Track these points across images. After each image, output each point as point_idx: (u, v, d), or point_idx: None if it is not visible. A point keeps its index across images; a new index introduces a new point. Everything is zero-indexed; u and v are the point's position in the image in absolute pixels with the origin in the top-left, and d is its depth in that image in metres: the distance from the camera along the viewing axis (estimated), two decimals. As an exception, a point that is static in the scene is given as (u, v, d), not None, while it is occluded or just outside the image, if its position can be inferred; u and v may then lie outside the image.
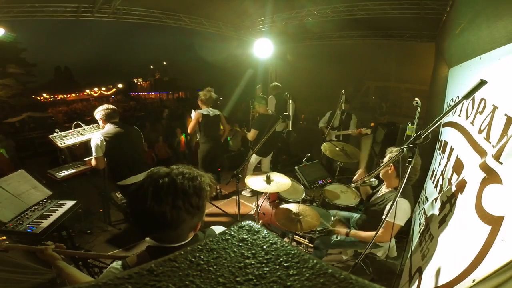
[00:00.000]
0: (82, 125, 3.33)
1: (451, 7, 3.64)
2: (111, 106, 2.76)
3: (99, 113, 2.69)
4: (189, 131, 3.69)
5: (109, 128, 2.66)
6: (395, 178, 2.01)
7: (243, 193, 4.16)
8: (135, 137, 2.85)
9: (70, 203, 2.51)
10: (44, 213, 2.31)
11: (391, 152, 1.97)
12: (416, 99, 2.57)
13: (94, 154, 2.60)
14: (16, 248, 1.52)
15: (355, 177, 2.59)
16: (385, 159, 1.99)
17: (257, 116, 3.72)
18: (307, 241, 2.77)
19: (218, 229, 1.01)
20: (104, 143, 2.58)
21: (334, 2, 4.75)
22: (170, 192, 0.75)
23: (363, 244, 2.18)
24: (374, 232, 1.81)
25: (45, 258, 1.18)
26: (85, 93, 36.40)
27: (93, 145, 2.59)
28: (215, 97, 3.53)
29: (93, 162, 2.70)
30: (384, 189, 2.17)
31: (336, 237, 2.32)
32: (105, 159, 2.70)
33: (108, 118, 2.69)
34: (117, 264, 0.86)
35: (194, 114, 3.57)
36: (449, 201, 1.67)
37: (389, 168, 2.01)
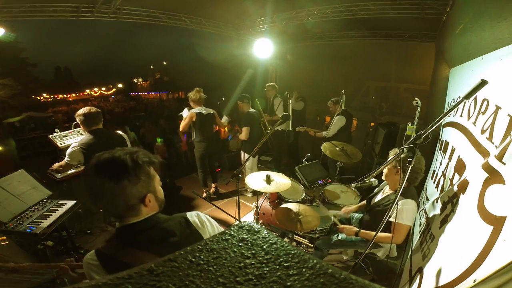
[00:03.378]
0: (82, 125, 3.33)
1: (451, 7, 3.64)
2: (86, 111, 2.41)
3: (78, 118, 2.43)
4: (180, 129, 3.68)
5: (87, 138, 2.40)
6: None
7: (245, 193, 4.16)
8: (117, 145, 2.62)
9: (70, 203, 2.51)
10: (44, 213, 2.32)
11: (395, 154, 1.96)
12: (416, 99, 2.57)
13: (66, 158, 2.37)
14: (36, 267, 1.48)
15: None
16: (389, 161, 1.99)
17: (243, 115, 3.80)
18: (307, 241, 2.77)
19: (189, 214, 1.05)
20: (81, 153, 2.33)
21: (334, 2, 4.75)
22: (108, 163, 0.85)
23: (364, 244, 2.18)
24: (385, 234, 1.85)
25: (69, 278, 1.21)
26: (85, 93, 36.45)
27: (68, 151, 2.36)
28: (204, 97, 3.56)
29: (63, 162, 2.44)
30: (387, 190, 2.16)
31: (337, 237, 2.32)
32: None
33: (87, 125, 2.41)
34: (91, 254, 0.93)
35: (186, 112, 3.58)
36: (450, 201, 1.67)
37: (395, 170, 1.97)
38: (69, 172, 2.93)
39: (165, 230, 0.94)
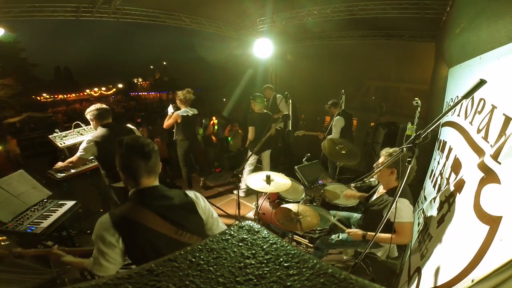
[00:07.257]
0: (82, 125, 3.33)
1: (451, 7, 3.64)
2: (99, 107, 2.55)
3: (89, 114, 2.54)
4: (164, 126, 3.75)
5: (100, 131, 2.50)
6: (394, 180, 1.97)
7: (239, 192, 4.12)
8: None
9: (70, 203, 2.50)
10: (44, 213, 2.31)
11: (388, 154, 1.96)
12: (416, 99, 2.57)
13: (79, 153, 2.45)
14: (26, 253, 1.60)
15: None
16: (380, 160, 2.00)
17: (250, 115, 3.81)
18: (307, 241, 2.77)
19: (187, 191, 1.28)
20: (95, 147, 2.42)
21: (334, 2, 4.76)
22: (147, 150, 1.16)
23: (364, 243, 2.18)
24: (390, 235, 1.84)
25: (53, 257, 1.44)
26: (85, 93, 36.44)
27: (82, 145, 2.44)
28: (192, 98, 3.66)
29: (74, 158, 2.53)
30: (381, 190, 2.16)
31: (338, 236, 2.32)
32: (98, 162, 2.62)
33: (99, 119, 2.52)
34: (106, 215, 1.11)
35: (171, 110, 3.65)
36: (447, 201, 1.67)
37: (390, 171, 1.97)
38: (72, 171, 2.93)
39: (168, 196, 1.19)
